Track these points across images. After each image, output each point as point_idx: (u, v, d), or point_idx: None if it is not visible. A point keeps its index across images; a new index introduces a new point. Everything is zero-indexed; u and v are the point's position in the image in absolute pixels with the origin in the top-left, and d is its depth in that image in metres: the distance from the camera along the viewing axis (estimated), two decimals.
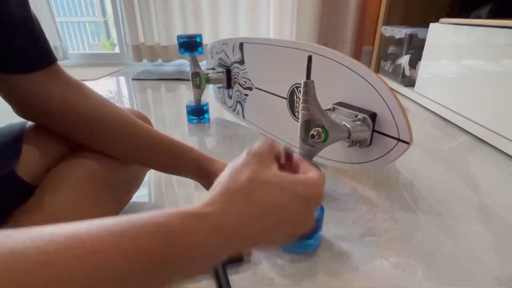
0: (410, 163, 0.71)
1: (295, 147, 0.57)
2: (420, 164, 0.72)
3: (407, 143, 0.53)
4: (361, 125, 0.56)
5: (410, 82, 1.29)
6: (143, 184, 0.54)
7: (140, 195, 0.58)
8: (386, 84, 0.53)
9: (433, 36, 1.12)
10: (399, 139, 0.54)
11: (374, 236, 0.47)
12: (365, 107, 0.57)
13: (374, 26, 1.72)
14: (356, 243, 0.46)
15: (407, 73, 1.30)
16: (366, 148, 0.58)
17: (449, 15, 1.10)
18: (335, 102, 0.60)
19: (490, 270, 0.41)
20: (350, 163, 0.62)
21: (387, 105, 0.53)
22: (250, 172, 0.25)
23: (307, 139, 0.52)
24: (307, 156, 0.55)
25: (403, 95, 1.29)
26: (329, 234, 0.48)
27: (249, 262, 0.42)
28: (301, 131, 0.53)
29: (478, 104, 0.87)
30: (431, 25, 1.12)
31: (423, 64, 1.18)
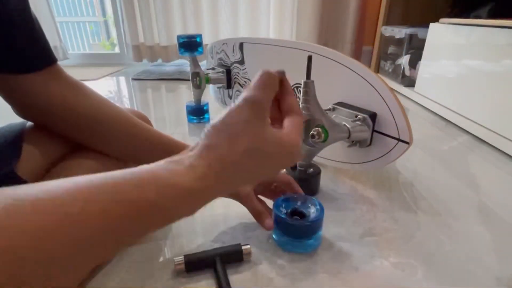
0: (410, 163, 0.71)
1: None
2: (420, 164, 0.72)
3: (407, 143, 0.53)
4: (361, 125, 0.56)
5: (410, 82, 1.29)
6: None
7: None
8: (386, 84, 0.53)
9: (433, 36, 1.12)
10: (399, 139, 0.54)
11: (374, 236, 0.47)
12: (365, 107, 0.57)
13: (374, 26, 1.72)
14: (356, 243, 0.46)
15: (407, 73, 1.30)
16: (366, 148, 0.58)
17: (449, 15, 1.10)
18: (335, 102, 0.60)
19: (490, 270, 0.41)
20: (350, 163, 0.62)
21: (387, 105, 0.53)
22: (246, 140, 0.26)
23: (307, 139, 0.52)
24: (307, 156, 0.55)
25: (403, 95, 1.29)
26: (329, 234, 0.48)
27: (249, 262, 0.42)
28: None
29: (478, 104, 0.87)
30: (431, 25, 1.12)
31: (423, 64, 1.18)
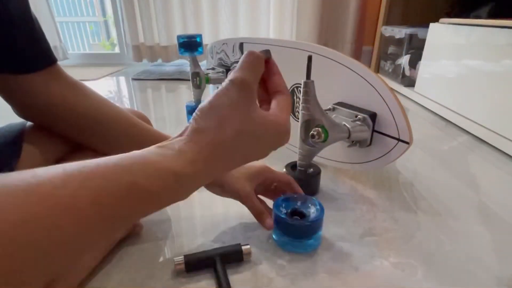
0: (410, 163, 0.71)
1: (295, 147, 0.57)
2: (420, 164, 0.72)
3: (407, 143, 0.53)
4: (361, 125, 0.56)
5: (410, 82, 1.29)
6: None
7: None
8: (386, 84, 0.53)
9: (433, 36, 1.12)
10: (399, 140, 0.54)
11: (374, 236, 0.47)
12: (365, 107, 0.57)
13: (374, 26, 1.72)
14: (356, 243, 0.46)
15: (407, 73, 1.30)
16: (366, 148, 0.58)
17: (449, 15, 1.10)
18: (335, 102, 0.60)
19: (490, 270, 0.41)
20: (350, 163, 0.62)
21: (387, 105, 0.53)
22: (237, 123, 0.26)
23: (307, 139, 0.52)
24: (307, 156, 0.55)
25: (403, 95, 1.29)
26: (329, 234, 0.48)
27: (249, 262, 0.42)
28: (301, 131, 0.53)
29: (478, 104, 0.87)
30: (431, 25, 1.12)
31: (423, 64, 1.18)
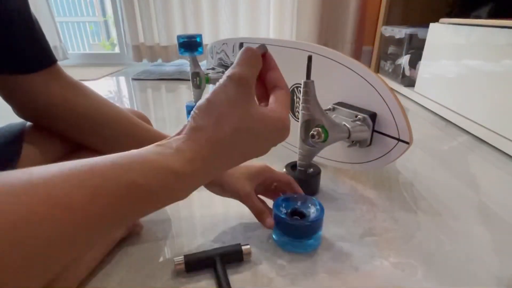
0: (410, 163, 0.71)
1: (295, 147, 0.57)
2: (420, 164, 0.72)
3: (407, 143, 0.53)
4: (361, 125, 0.56)
5: (410, 82, 1.29)
6: None
7: None
8: (386, 84, 0.53)
9: (433, 36, 1.12)
10: (399, 140, 0.54)
11: (374, 236, 0.47)
12: (365, 107, 0.57)
13: (374, 26, 1.72)
14: (356, 243, 0.46)
15: (407, 73, 1.30)
16: (366, 148, 0.58)
17: (449, 15, 1.10)
18: (335, 102, 0.60)
19: (490, 270, 0.41)
20: (350, 163, 0.62)
21: (387, 105, 0.53)
22: (235, 120, 0.26)
23: (307, 139, 0.52)
24: (307, 156, 0.56)
25: (403, 95, 1.29)
26: (329, 234, 0.48)
27: (249, 262, 0.42)
28: (301, 131, 0.53)
29: (478, 104, 0.87)
30: (431, 25, 1.12)
31: (423, 64, 1.18)
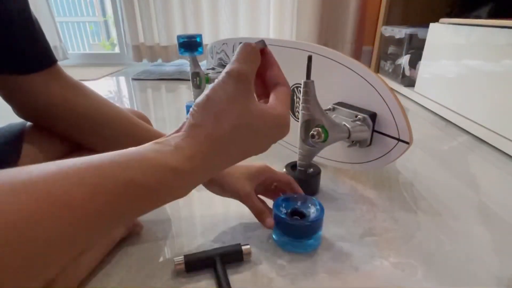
0: (410, 163, 0.71)
1: (295, 147, 0.57)
2: (420, 164, 0.72)
3: (407, 143, 0.53)
4: (361, 125, 0.56)
5: (410, 82, 1.29)
6: None
7: None
8: (386, 84, 0.53)
9: (433, 36, 1.12)
10: (399, 140, 0.54)
11: (374, 236, 0.47)
12: (365, 107, 0.57)
13: (374, 26, 1.72)
14: (356, 243, 0.46)
15: (407, 73, 1.30)
16: (366, 148, 0.58)
17: (449, 15, 1.10)
18: (335, 102, 0.60)
19: (490, 270, 0.41)
20: (350, 163, 0.62)
21: (387, 105, 0.53)
22: (234, 117, 0.25)
23: (307, 139, 0.52)
24: (307, 156, 0.56)
25: (403, 95, 1.29)
26: (329, 234, 0.48)
27: (249, 262, 0.42)
28: (301, 131, 0.53)
29: (478, 104, 0.87)
30: (431, 25, 1.12)
31: (423, 64, 1.18)
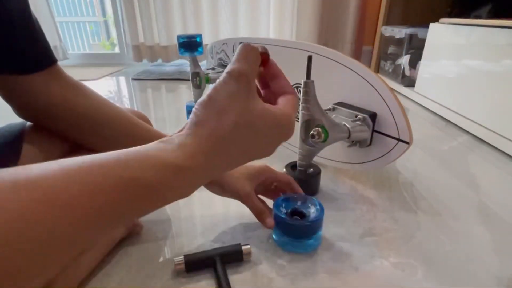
0: (410, 163, 0.71)
1: (295, 147, 0.57)
2: (420, 164, 0.72)
3: (407, 143, 0.53)
4: (361, 125, 0.56)
5: (410, 82, 1.29)
6: None
7: None
8: (386, 84, 0.53)
9: (433, 36, 1.12)
10: (399, 140, 0.54)
11: (374, 236, 0.47)
12: (365, 107, 0.57)
13: (374, 26, 1.72)
14: (356, 243, 0.46)
15: (407, 73, 1.30)
16: (366, 148, 0.58)
17: (449, 15, 1.10)
18: (335, 102, 0.60)
19: (490, 270, 0.41)
20: (350, 163, 0.62)
21: (387, 105, 0.53)
22: (235, 115, 0.25)
23: (307, 139, 0.52)
24: (307, 156, 0.55)
25: (403, 95, 1.29)
26: (329, 234, 0.48)
27: (249, 262, 0.42)
28: (301, 131, 0.53)
29: (478, 104, 0.87)
30: (431, 25, 1.12)
31: (423, 64, 1.18)
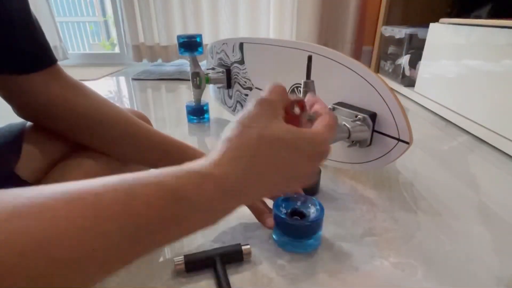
0: (410, 163, 0.71)
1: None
2: (420, 164, 0.72)
3: (407, 143, 0.53)
4: (361, 125, 0.56)
5: (410, 82, 1.29)
6: None
7: None
8: (386, 84, 0.53)
9: (433, 36, 1.12)
10: (399, 139, 0.54)
11: (374, 236, 0.47)
12: (365, 107, 0.57)
13: (374, 26, 1.72)
14: (356, 243, 0.46)
15: (407, 73, 1.30)
16: (366, 148, 0.58)
17: (449, 15, 1.10)
18: (335, 102, 0.60)
19: (490, 270, 0.41)
20: (350, 163, 0.62)
21: (387, 105, 0.53)
22: (259, 128, 0.25)
23: None
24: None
25: (403, 95, 1.29)
26: (329, 234, 0.48)
27: (249, 262, 0.42)
28: None
29: (478, 104, 0.87)
30: (431, 25, 1.12)
31: (423, 64, 1.18)
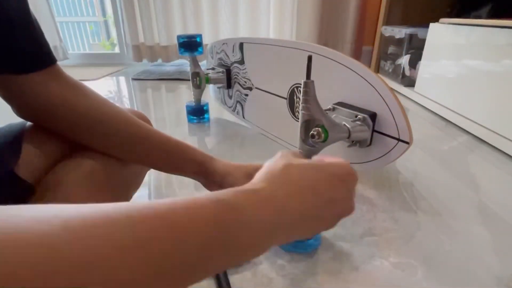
0: (410, 163, 0.71)
1: (295, 147, 0.57)
2: (420, 164, 0.72)
3: (407, 143, 0.53)
4: (361, 125, 0.56)
5: (410, 82, 1.29)
6: (143, 184, 0.54)
7: (140, 195, 0.58)
8: (386, 84, 0.53)
9: (433, 36, 1.12)
10: (399, 139, 0.54)
11: (374, 236, 0.47)
12: (365, 107, 0.57)
13: (374, 26, 1.72)
14: (356, 243, 0.46)
15: (407, 73, 1.30)
16: (366, 148, 0.58)
17: (449, 15, 1.10)
18: (335, 102, 0.60)
19: (490, 270, 0.41)
20: (350, 163, 0.62)
21: (387, 105, 0.53)
22: (286, 160, 0.29)
23: (307, 139, 0.52)
24: (307, 156, 0.55)
25: (403, 95, 1.29)
26: (329, 234, 0.48)
27: (249, 262, 0.42)
28: (301, 131, 0.53)
29: (478, 104, 0.87)
30: (431, 25, 1.12)
31: (423, 64, 1.18)
